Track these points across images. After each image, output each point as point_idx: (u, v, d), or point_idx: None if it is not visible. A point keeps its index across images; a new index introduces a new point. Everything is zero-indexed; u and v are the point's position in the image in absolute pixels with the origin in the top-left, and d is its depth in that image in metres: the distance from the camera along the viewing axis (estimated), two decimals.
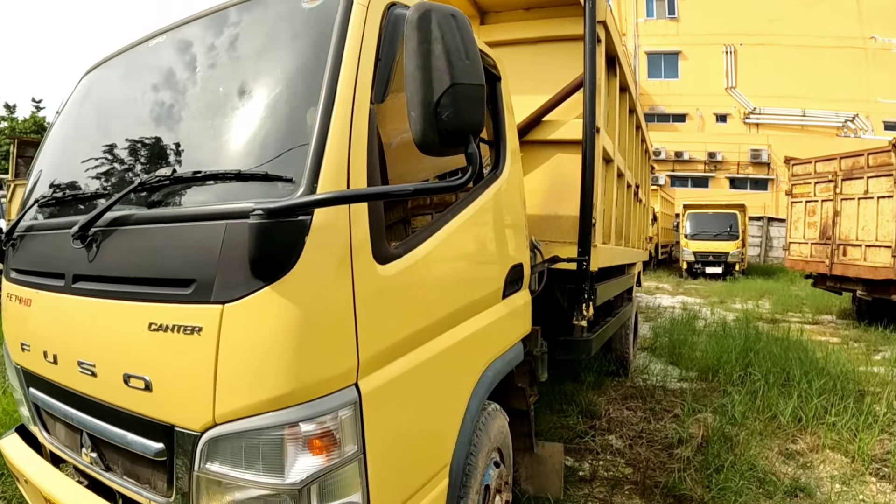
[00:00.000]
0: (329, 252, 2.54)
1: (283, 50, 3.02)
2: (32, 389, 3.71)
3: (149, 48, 3.70)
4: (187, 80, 3.38)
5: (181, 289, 2.59)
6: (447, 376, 3.47)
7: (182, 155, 3.09)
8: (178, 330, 2.56)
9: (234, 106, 3.04)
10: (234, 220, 2.47)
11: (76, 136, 4.07)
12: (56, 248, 3.38)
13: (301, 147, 2.60)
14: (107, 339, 2.95)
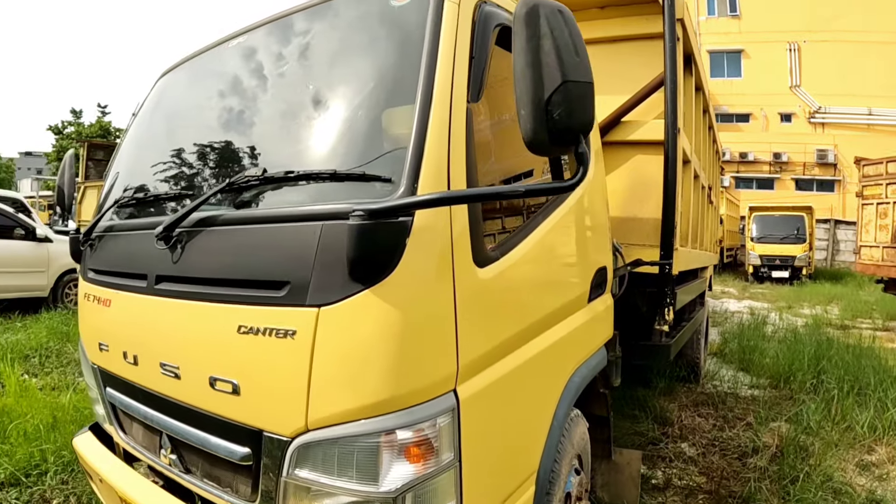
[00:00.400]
0: (430, 254, 2.47)
1: (372, 48, 2.97)
2: (109, 389, 3.69)
3: (228, 49, 3.67)
4: (270, 79, 3.35)
5: (273, 291, 2.53)
6: (538, 382, 3.37)
7: (267, 155, 3.05)
8: (269, 333, 2.50)
9: (321, 106, 2.98)
10: (331, 220, 2.40)
11: (154, 138, 4.06)
12: (137, 248, 3.35)
13: (399, 146, 2.53)
14: (192, 341, 2.91)
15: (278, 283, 2.52)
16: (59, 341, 10.84)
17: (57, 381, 8.54)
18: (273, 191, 2.77)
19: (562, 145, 2.42)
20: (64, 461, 5.80)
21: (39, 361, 9.74)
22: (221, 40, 3.77)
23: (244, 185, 2.79)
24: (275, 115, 3.24)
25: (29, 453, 5.87)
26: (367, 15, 3.04)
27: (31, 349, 10.32)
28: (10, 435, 6.23)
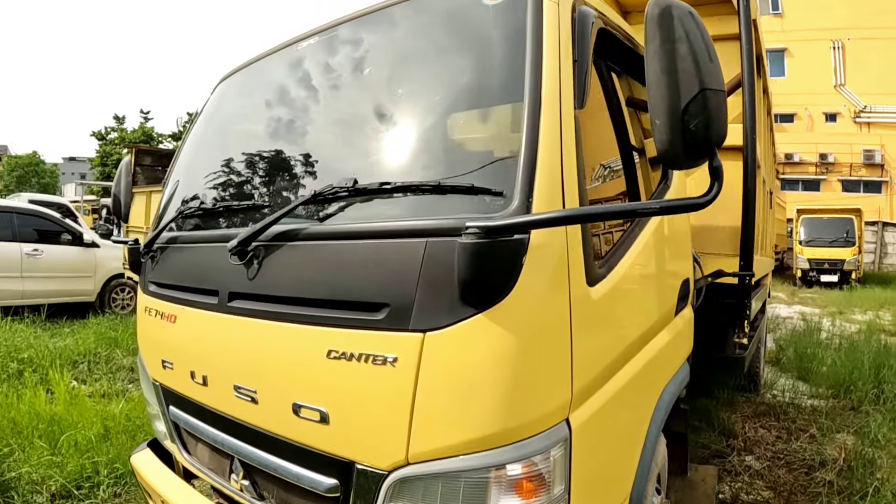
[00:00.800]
0: (547, 274, 2.29)
1: (463, 49, 2.80)
2: (173, 408, 3.55)
3: (301, 50, 3.49)
4: (350, 82, 3.19)
5: (369, 313, 2.35)
6: (636, 403, 3.21)
7: (348, 165, 2.88)
8: (366, 359, 2.32)
9: (406, 111, 2.85)
10: (438, 237, 2.22)
11: (218, 144, 3.92)
12: (206, 262, 3.21)
13: (503, 156, 2.37)
14: (271, 364, 2.74)
15: (375, 304, 2.34)
16: (108, 347, 10.78)
17: (106, 388, 8.44)
18: (363, 203, 2.59)
19: (696, 158, 2.20)
20: (117, 474, 5.68)
21: (88, 367, 9.67)
22: (291, 41, 3.59)
23: (332, 196, 2.61)
24: (355, 120, 3.07)
25: (81, 465, 5.75)
26: (456, 14, 2.87)
27: (78, 355, 10.25)
28: (62, 446, 6.10)
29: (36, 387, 8.08)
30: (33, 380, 8.45)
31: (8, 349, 9.96)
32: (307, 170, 3.06)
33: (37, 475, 5.66)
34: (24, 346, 10.18)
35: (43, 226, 14.06)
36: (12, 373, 8.97)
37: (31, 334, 11.19)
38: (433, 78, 2.87)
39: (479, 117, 2.64)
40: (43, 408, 7.14)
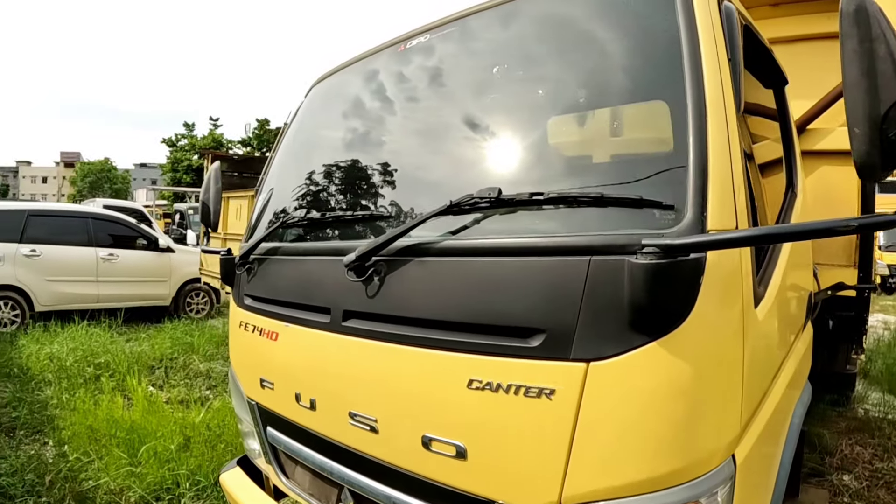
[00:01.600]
0: (722, 297, 2.05)
1: (603, 46, 2.55)
2: (272, 430, 3.38)
3: (407, 49, 3.29)
4: (475, 82, 2.98)
5: (521, 340, 2.11)
6: (776, 430, 2.92)
7: (477, 173, 2.67)
8: (516, 391, 2.09)
9: (545, 116, 2.64)
10: (603, 255, 1.98)
11: (317, 151, 3.75)
12: (316, 276, 3.03)
13: (672, 165, 2.10)
14: (396, 391, 2.53)
15: (528, 330, 2.11)
16: (184, 352, 10.76)
17: (184, 394, 8.39)
18: (507, 215, 2.34)
19: (892, 169, 1.95)
20: (199, 486, 5.56)
21: (164, 373, 9.64)
22: (395, 41, 3.41)
23: (470, 206, 2.36)
24: (482, 124, 2.84)
25: (161, 476, 5.65)
26: (594, 7, 2.65)
27: (155, 360, 10.26)
28: (141, 456, 6.03)
29: (113, 392, 8.10)
30: (110, 385, 8.45)
31: (84, 353, 10.05)
32: (427, 178, 2.90)
33: (115, 485, 5.60)
34: (100, 351, 10.25)
35: (118, 231, 14.32)
36: (89, 377, 9.00)
37: (108, 339, 11.29)
38: (571, 78, 2.64)
39: (627, 121, 2.43)
40: (120, 414, 7.11)
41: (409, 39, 3.27)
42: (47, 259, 13.05)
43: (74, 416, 7.23)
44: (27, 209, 13.90)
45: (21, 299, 12.82)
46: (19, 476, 5.74)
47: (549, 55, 2.74)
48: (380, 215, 2.87)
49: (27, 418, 7.36)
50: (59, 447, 6.59)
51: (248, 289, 3.61)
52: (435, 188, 2.78)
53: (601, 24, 2.57)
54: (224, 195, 15.45)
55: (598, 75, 2.54)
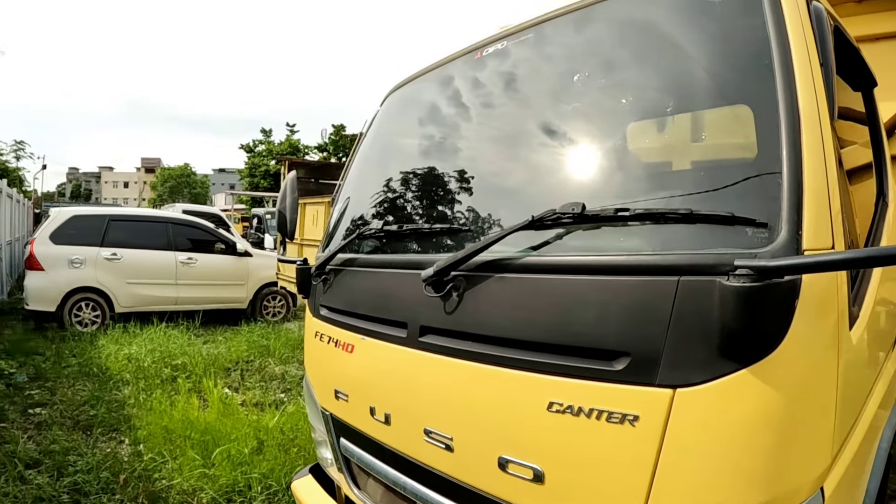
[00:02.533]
0: (818, 320, 1.93)
1: (685, 52, 2.44)
2: (344, 441, 3.37)
3: (484, 57, 3.22)
4: (552, 91, 2.89)
5: (604, 363, 2.03)
6: (864, 455, 2.74)
7: (557, 186, 2.59)
8: (597, 415, 2.00)
9: (624, 126, 2.55)
10: (692, 275, 1.88)
11: (393, 161, 3.72)
12: (392, 290, 3.00)
13: (763, 176, 1.98)
14: (473, 410, 2.46)
15: (611, 352, 2.02)
16: (259, 355, 10.88)
17: (259, 397, 8.45)
18: (589, 231, 2.25)
19: None
20: (270, 490, 5.57)
21: (240, 375, 9.75)
22: (470, 49, 3.35)
23: (553, 222, 2.27)
24: (560, 134, 2.76)
25: (233, 479, 5.69)
26: (676, 11, 2.53)
27: (230, 362, 10.39)
28: (215, 458, 6.08)
29: (189, 394, 8.21)
30: (186, 386, 8.57)
31: (162, 354, 10.23)
32: (504, 189, 2.83)
33: (188, 486, 5.65)
34: (178, 353, 10.42)
35: (197, 235, 14.66)
36: (166, 378, 9.14)
37: (185, 341, 11.48)
38: (651, 83, 2.54)
39: (711, 127, 2.34)
40: (196, 416, 7.19)
41: (486, 46, 3.20)
42: (127, 262, 13.43)
43: (150, 416, 7.35)
44: (108, 214, 14.36)
45: (102, 301, 13.19)
46: (95, 473, 5.84)
47: (629, 59, 2.65)
48: (457, 228, 2.82)
49: (104, 417, 7.50)
50: (134, 446, 6.69)
51: (323, 299, 3.59)
52: (513, 199, 2.73)
53: (684, 27, 2.47)
54: (301, 201, 15.55)
55: (680, 80, 2.43)
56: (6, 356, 10.23)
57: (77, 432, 7.11)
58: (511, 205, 2.68)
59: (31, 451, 6.41)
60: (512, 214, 2.49)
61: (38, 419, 7.55)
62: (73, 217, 13.58)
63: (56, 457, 6.25)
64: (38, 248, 12.86)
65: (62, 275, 12.85)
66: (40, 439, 6.84)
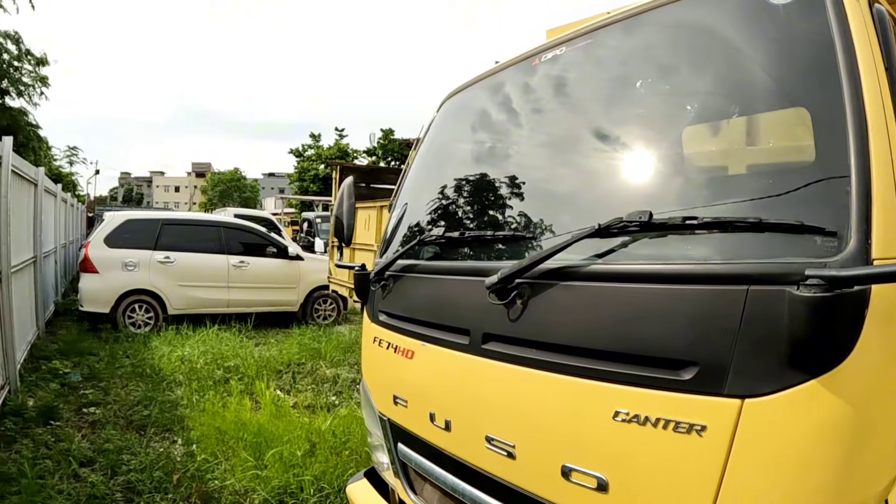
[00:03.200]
0: (888, 332, 1.86)
1: (748, 56, 2.38)
2: (402, 446, 3.36)
3: (542, 63, 3.19)
4: (610, 97, 2.89)
5: (671, 372, 2.00)
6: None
7: (618, 192, 2.57)
8: (664, 425, 1.98)
9: (685, 132, 2.52)
10: (761, 285, 1.84)
11: (451, 168, 3.72)
12: (454, 297, 2.97)
13: (828, 185, 1.94)
14: (537, 418, 2.43)
15: (679, 362, 1.99)
16: (311, 358, 10.92)
17: (311, 400, 8.49)
18: (656, 239, 2.22)
19: None
20: (323, 493, 5.59)
21: (291, 378, 9.79)
22: (527, 55, 3.32)
23: (619, 230, 2.24)
24: (619, 141, 2.74)
25: (286, 480, 5.71)
26: (735, 16, 2.48)
27: (282, 365, 10.45)
28: (268, 460, 6.11)
29: (241, 395, 8.27)
30: (238, 388, 8.63)
31: (215, 356, 10.33)
32: (565, 195, 2.83)
33: (240, 487, 5.69)
34: (230, 354, 10.52)
35: (249, 239, 14.86)
36: (218, 379, 9.23)
37: (238, 343, 11.58)
38: (712, 90, 2.51)
39: (772, 131, 2.32)
40: (248, 417, 7.24)
41: (544, 52, 3.18)
42: (180, 265, 13.64)
43: (203, 417, 7.43)
44: (161, 218, 14.62)
45: (155, 303, 13.38)
46: (148, 473, 5.90)
47: (687, 64, 2.64)
48: (518, 235, 2.82)
49: (157, 417, 7.59)
50: (187, 446, 6.76)
51: (382, 305, 3.58)
52: (571, 206, 2.72)
53: (743, 32, 2.43)
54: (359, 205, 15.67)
55: (740, 83, 2.40)
56: (61, 356, 10.39)
57: (130, 432, 7.20)
58: (570, 211, 2.69)
59: (86, 450, 6.50)
60: (572, 221, 2.50)
61: (92, 418, 7.66)
62: (126, 221, 13.84)
63: (110, 455, 6.33)
64: (93, 252, 13.11)
65: (116, 277, 13.08)
66: (94, 438, 6.93)
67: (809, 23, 2.17)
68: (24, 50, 27.02)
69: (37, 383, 8.75)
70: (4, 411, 7.31)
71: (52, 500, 5.26)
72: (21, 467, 5.74)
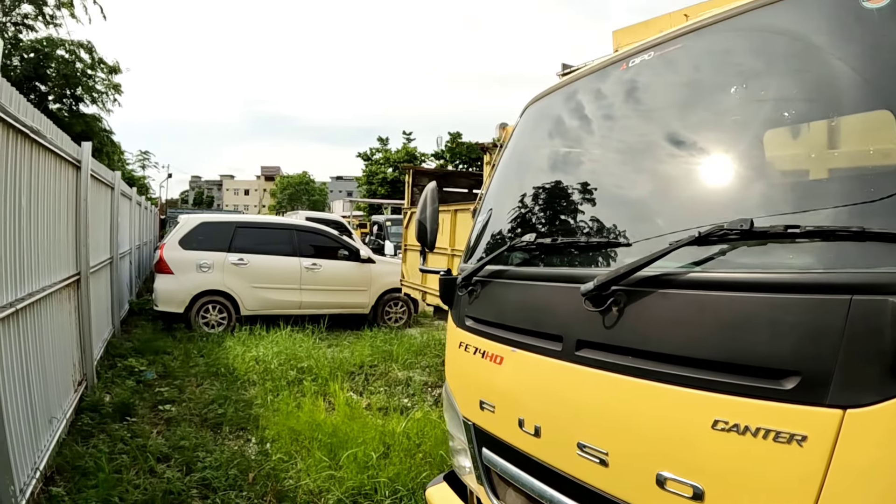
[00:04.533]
0: None
1: (844, 61, 2.29)
2: (487, 452, 3.34)
3: (630, 68, 3.15)
4: (692, 100, 2.87)
5: (772, 381, 1.96)
6: None
7: (712, 199, 2.54)
8: (764, 434, 1.94)
9: (782, 139, 2.50)
10: (865, 294, 1.80)
11: (538, 173, 3.70)
12: (546, 303, 2.95)
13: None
14: (632, 425, 2.40)
15: (780, 371, 1.96)
16: (383, 361, 10.96)
17: (384, 402, 8.52)
18: (756, 247, 2.17)
19: None
20: (397, 495, 5.59)
21: (364, 380, 9.85)
22: (615, 59, 3.30)
23: (718, 237, 2.21)
24: (705, 141, 2.72)
25: (360, 482, 5.73)
26: (830, 19, 2.40)
27: (355, 366, 10.50)
28: (342, 461, 6.14)
29: (315, 396, 8.34)
30: (312, 389, 8.71)
31: (288, 357, 10.43)
32: (655, 202, 2.78)
33: (314, 486, 5.73)
34: (303, 356, 10.62)
35: (321, 242, 15.03)
36: (292, 380, 9.31)
37: (311, 344, 11.67)
38: (813, 96, 2.43)
39: (856, 140, 2.28)
40: (322, 418, 7.31)
41: (632, 57, 3.15)
42: (253, 267, 13.85)
43: (277, 416, 7.50)
44: (235, 221, 15.02)
45: (228, 304, 13.63)
46: (223, 470, 5.97)
47: (778, 68, 2.57)
48: (613, 242, 2.78)
49: (232, 415, 7.68)
50: (261, 445, 6.84)
51: (469, 310, 3.57)
52: (664, 212, 2.68)
53: (840, 37, 2.35)
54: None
55: (828, 86, 2.33)
56: (136, 354, 10.58)
57: (205, 429, 7.30)
58: (662, 217, 2.65)
59: (161, 446, 6.60)
60: (664, 227, 2.50)
61: (168, 415, 7.79)
62: (201, 224, 14.16)
63: (185, 452, 6.43)
64: (168, 253, 13.40)
65: (190, 278, 13.36)
66: (169, 435, 7.04)
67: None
68: (97, 58, 27.64)
69: (112, 380, 8.91)
70: (82, 407, 7.48)
71: (129, 495, 5.34)
72: (98, 461, 5.83)
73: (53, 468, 5.75)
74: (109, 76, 28.90)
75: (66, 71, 26.02)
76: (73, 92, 27.39)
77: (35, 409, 5.43)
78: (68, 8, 24.71)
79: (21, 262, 5.19)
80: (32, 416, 5.32)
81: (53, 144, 6.37)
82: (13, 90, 4.86)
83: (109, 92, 29.29)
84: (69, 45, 26.11)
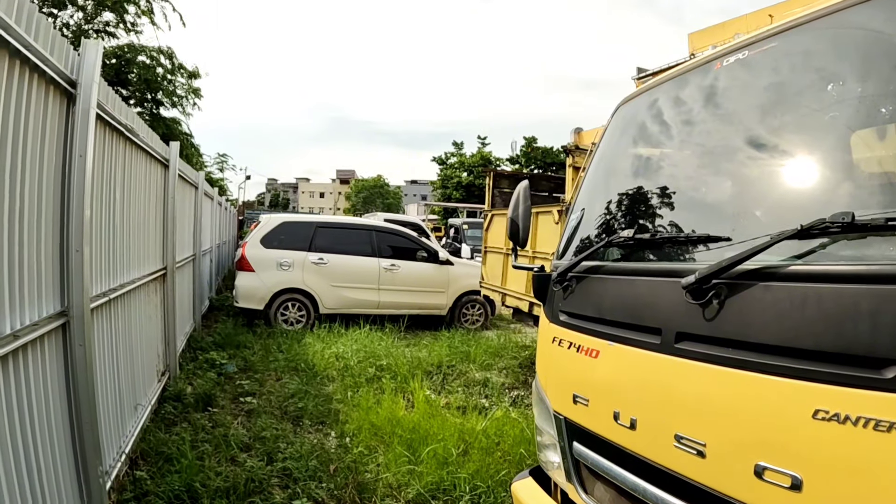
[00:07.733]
0: None
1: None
2: (578, 446, 3.34)
3: (724, 67, 3.15)
4: (788, 98, 2.84)
5: (872, 371, 1.95)
6: None
7: (810, 193, 2.54)
8: (864, 424, 1.93)
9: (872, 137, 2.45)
10: None
11: (631, 171, 3.76)
12: (644, 297, 2.95)
13: None
14: (731, 416, 2.39)
15: (882, 360, 1.94)
16: (460, 361, 10.97)
17: (461, 401, 8.53)
18: (855, 240, 2.17)
19: None
20: (476, 492, 5.61)
21: (441, 379, 9.88)
22: (709, 58, 3.29)
23: (820, 231, 2.21)
24: (809, 142, 2.69)
25: (439, 477, 5.78)
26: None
27: (432, 366, 10.52)
28: (422, 457, 6.19)
29: (394, 394, 8.41)
30: (391, 386, 8.79)
31: (367, 355, 10.55)
32: (747, 197, 2.80)
33: (394, 480, 5.80)
34: (382, 354, 10.71)
35: (400, 243, 15.13)
36: (371, 377, 9.41)
37: (389, 343, 11.79)
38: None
39: None
40: (402, 414, 7.40)
41: (726, 56, 3.14)
42: (333, 267, 14.03)
43: (357, 412, 7.58)
44: (315, 221, 15.17)
45: (307, 302, 13.82)
46: (304, 461, 6.06)
47: (876, 67, 2.51)
48: (711, 237, 2.76)
49: (312, 409, 7.77)
50: (340, 439, 6.92)
51: (564, 305, 3.58)
52: (761, 208, 2.69)
53: None
54: (502, 211, 15.68)
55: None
56: (217, 348, 10.81)
57: (285, 422, 7.40)
58: (759, 214, 2.67)
59: (243, 436, 6.74)
60: (760, 223, 2.53)
61: (248, 407, 7.92)
62: (282, 223, 14.40)
63: (266, 443, 6.55)
64: (250, 251, 13.68)
65: (271, 276, 13.60)
66: (250, 425, 7.17)
67: None
68: (177, 64, 28.07)
69: (194, 372, 9.12)
70: (164, 396, 7.69)
71: (211, 481, 5.44)
72: (181, 448, 5.98)
73: (137, 453, 5.91)
74: (189, 81, 29.40)
75: (146, 76, 26.40)
76: (154, 96, 27.82)
77: (122, 395, 5.61)
78: (148, 16, 25.21)
79: (114, 253, 5.35)
80: (120, 402, 5.50)
81: (145, 143, 6.55)
82: (109, 89, 5.02)
83: (189, 96, 29.72)
84: (150, 52, 26.62)
